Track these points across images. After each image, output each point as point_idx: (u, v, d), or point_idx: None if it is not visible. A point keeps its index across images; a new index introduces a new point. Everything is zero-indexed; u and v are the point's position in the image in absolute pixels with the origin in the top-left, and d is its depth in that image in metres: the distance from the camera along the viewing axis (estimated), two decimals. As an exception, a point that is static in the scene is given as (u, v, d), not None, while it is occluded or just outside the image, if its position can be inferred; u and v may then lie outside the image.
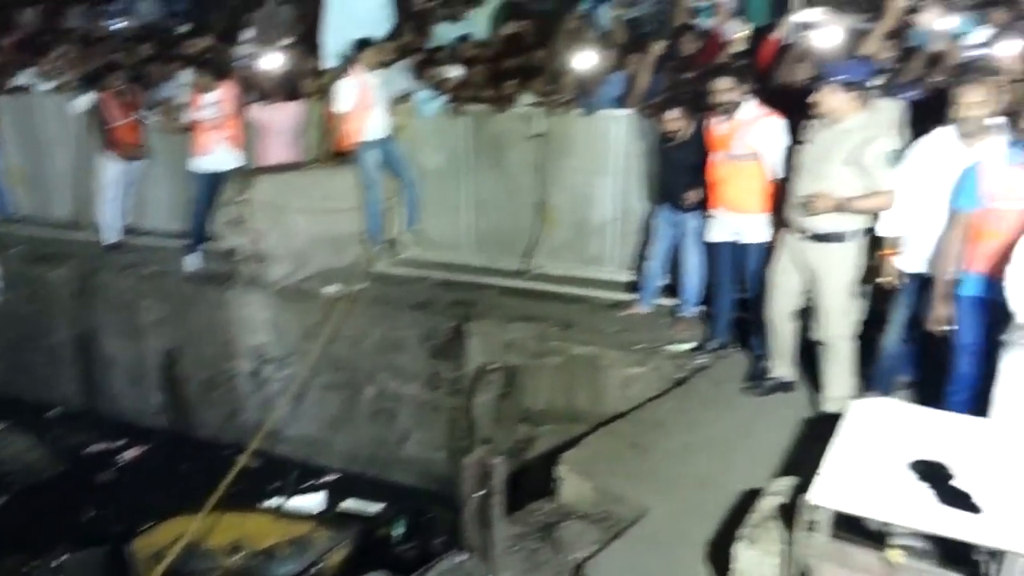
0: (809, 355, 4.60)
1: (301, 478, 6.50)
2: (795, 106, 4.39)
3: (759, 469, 3.89)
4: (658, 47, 5.90)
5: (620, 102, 6.19)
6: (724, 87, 4.62)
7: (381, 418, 6.49)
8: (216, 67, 7.09)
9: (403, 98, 6.87)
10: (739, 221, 4.82)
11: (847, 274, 4.22)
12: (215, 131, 6.90)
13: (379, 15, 7.03)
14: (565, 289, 6.40)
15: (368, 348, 6.40)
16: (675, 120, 5.05)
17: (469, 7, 7.75)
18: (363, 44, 6.49)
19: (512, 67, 6.84)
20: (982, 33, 5.00)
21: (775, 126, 4.63)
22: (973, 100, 3.68)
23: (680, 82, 5.56)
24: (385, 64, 6.71)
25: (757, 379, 4.79)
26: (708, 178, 4.94)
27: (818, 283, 4.27)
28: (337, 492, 6.36)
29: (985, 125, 3.73)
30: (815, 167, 4.06)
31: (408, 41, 7.33)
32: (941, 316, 3.77)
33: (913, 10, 5.52)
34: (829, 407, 4.34)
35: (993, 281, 3.52)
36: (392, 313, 6.36)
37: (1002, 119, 3.76)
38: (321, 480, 6.52)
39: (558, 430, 5.55)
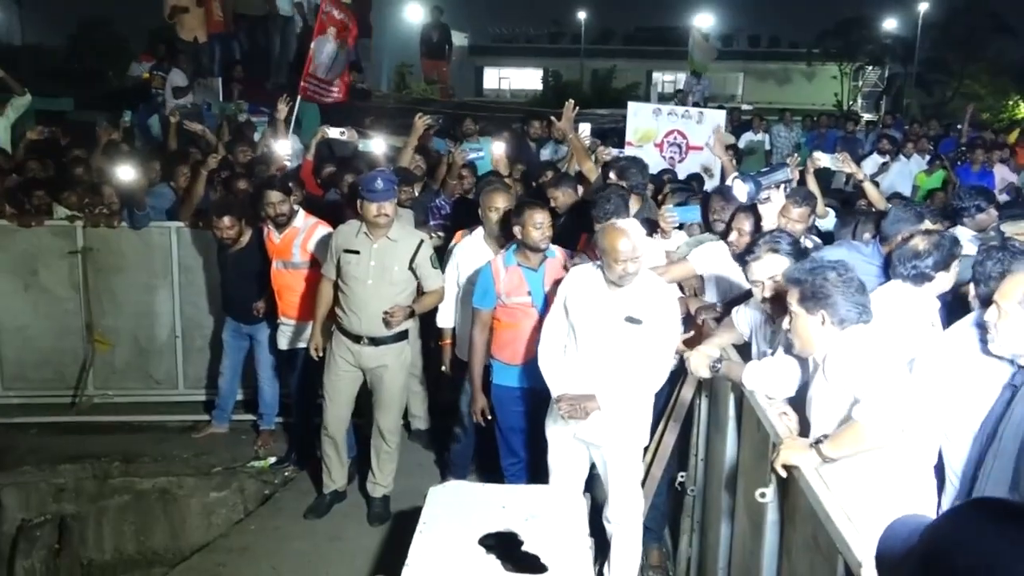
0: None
1: None
2: (341, 218, 4.55)
3: (351, 574, 3.86)
4: (213, 160, 5.76)
5: (171, 214, 5.89)
6: (275, 199, 4.62)
7: None
8: None
9: None
10: (305, 328, 4.75)
11: (403, 370, 4.40)
12: None
13: None
14: (129, 417, 5.81)
15: None
16: (229, 228, 4.92)
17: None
18: None
19: (40, 177, 6.10)
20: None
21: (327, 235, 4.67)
22: (496, 206, 4.20)
23: (234, 193, 5.49)
24: None
25: (320, 496, 4.65)
26: (273, 287, 4.90)
27: (376, 382, 4.35)
28: None
29: (502, 231, 4.17)
30: (377, 277, 4.13)
31: None
32: (477, 406, 4.09)
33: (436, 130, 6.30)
34: (377, 493, 4.51)
35: (519, 368, 3.91)
36: None
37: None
38: None
39: (131, 580, 4.93)
